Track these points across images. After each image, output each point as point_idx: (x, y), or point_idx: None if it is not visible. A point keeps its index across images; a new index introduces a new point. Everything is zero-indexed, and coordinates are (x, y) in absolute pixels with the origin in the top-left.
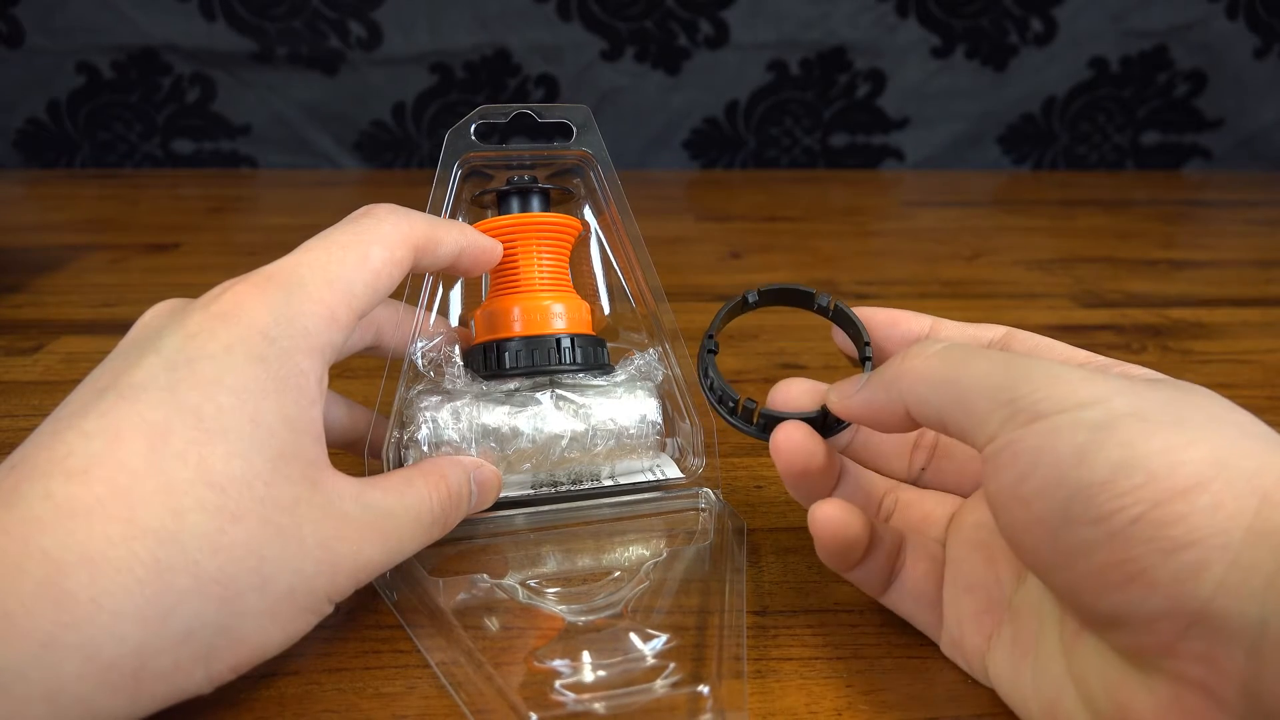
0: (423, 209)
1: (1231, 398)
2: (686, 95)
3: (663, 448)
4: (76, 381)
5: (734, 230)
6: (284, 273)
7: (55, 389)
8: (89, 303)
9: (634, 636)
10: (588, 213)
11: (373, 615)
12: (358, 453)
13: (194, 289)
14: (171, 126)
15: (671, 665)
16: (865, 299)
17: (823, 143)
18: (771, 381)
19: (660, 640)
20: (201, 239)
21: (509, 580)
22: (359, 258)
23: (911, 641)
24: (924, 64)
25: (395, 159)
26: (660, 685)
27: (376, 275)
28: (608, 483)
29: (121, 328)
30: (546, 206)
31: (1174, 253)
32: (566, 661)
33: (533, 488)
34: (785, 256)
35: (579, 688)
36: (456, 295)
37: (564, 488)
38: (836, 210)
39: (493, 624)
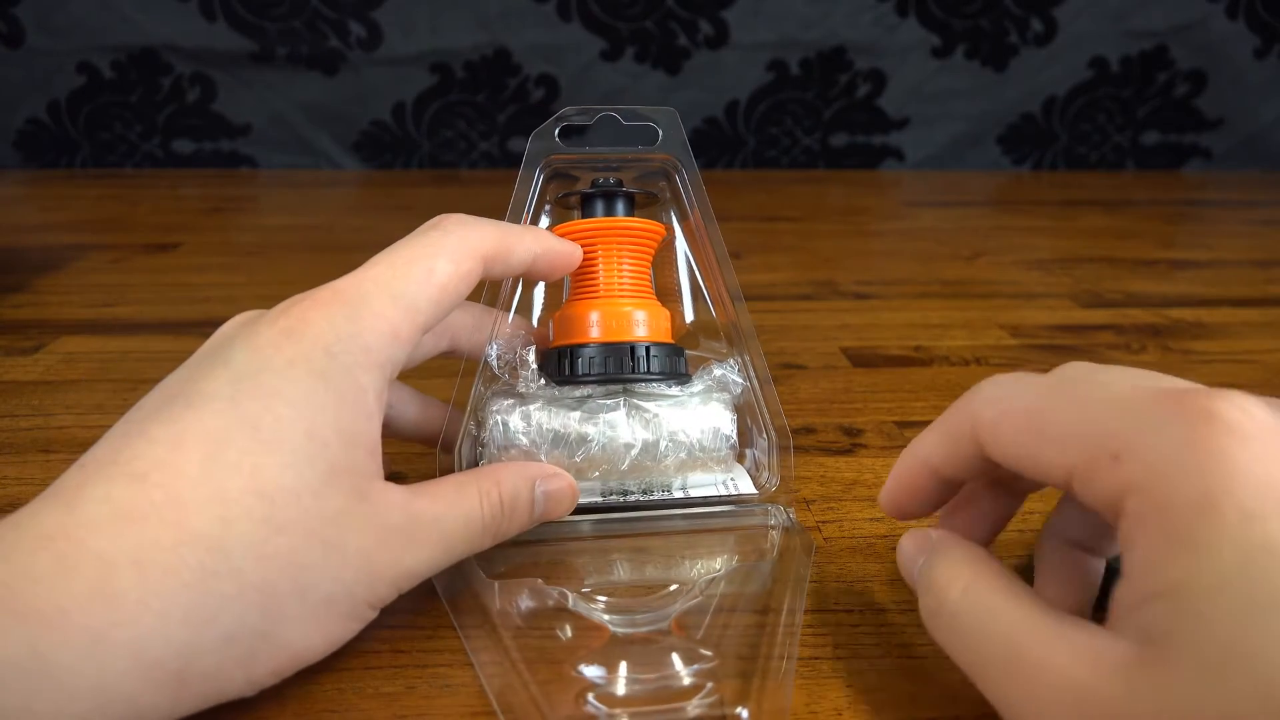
0: (423, 210)
1: None
2: (686, 95)
3: (741, 460)
4: (76, 381)
5: (734, 230)
6: (350, 289)
7: (55, 389)
8: (89, 303)
9: (676, 654)
10: (672, 217)
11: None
12: (431, 445)
13: (194, 289)
14: (171, 126)
15: (709, 685)
16: (865, 299)
17: (823, 143)
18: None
19: (703, 659)
20: (201, 239)
21: (563, 587)
22: (424, 273)
23: (912, 641)
24: (924, 64)
25: (395, 159)
26: (694, 706)
27: (442, 290)
28: (679, 494)
29: (122, 328)
30: (630, 210)
31: (1174, 253)
32: (604, 672)
33: (602, 495)
34: (785, 256)
35: (611, 700)
36: (539, 294)
37: (634, 497)
38: (836, 210)
39: (538, 629)
